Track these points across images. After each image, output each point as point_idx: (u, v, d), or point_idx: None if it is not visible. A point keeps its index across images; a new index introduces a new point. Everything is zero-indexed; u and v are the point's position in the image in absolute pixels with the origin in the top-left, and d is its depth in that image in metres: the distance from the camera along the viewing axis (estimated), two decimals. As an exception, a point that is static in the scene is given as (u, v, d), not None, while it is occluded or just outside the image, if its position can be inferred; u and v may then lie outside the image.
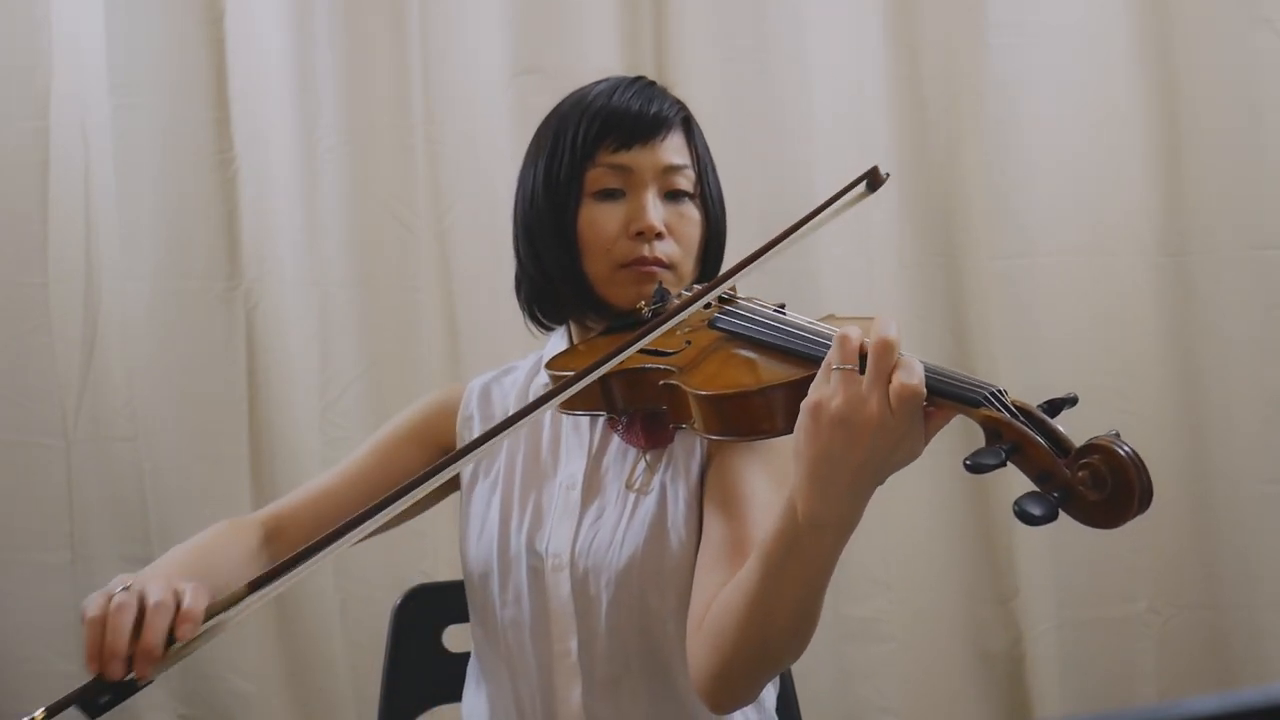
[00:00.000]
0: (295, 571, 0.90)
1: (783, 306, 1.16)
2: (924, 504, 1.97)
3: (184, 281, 2.22)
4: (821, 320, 1.08)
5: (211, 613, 0.90)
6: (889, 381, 0.80)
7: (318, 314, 2.18)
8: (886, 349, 0.81)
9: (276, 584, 0.91)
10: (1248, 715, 0.50)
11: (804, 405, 0.84)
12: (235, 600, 0.91)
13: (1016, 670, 2.01)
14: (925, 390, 0.80)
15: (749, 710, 1.20)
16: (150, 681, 0.89)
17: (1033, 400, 0.82)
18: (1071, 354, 1.93)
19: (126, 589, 0.91)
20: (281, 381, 2.23)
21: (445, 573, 2.06)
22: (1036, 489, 0.77)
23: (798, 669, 1.43)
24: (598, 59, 2.02)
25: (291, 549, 1.13)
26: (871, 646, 2.02)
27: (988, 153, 1.95)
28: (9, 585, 2.29)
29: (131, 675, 0.88)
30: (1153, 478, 0.74)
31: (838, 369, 0.82)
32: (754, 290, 1.20)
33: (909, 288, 2.00)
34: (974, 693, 2.03)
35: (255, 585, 0.91)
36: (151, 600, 0.89)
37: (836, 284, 2.00)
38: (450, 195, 2.14)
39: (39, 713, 0.84)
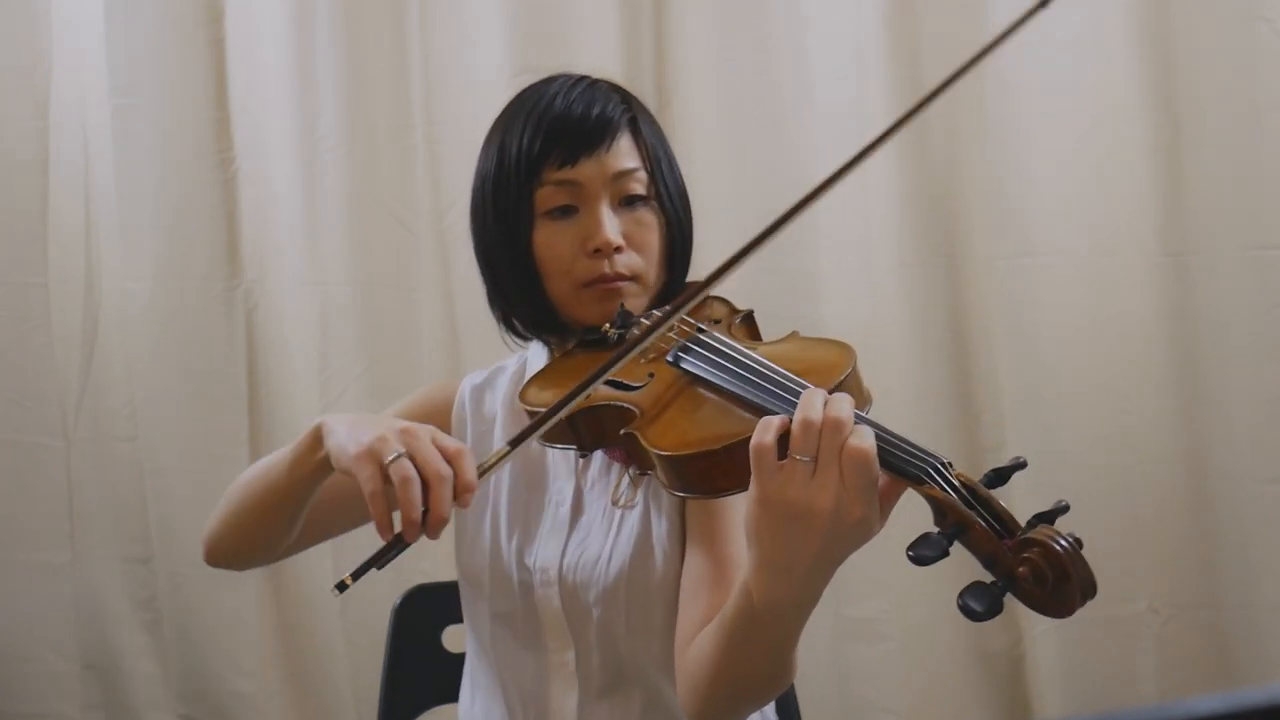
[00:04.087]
0: (545, 427, 0.95)
1: (751, 314, 1.15)
2: (923, 503, 1.97)
3: (184, 281, 2.23)
4: (786, 339, 1.06)
5: (480, 471, 0.93)
6: (840, 459, 0.78)
7: (318, 314, 2.18)
8: (837, 427, 0.79)
9: (531, 439, 0.95)
10: (1248, 715, 0.50)
11: (753, 498, 0.82)
12: (499, 459, 0.94)
13: (1016, 670, 2.01)
14: (877, 457, 0.78)
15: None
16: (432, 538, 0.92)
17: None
18: (1071, 354, 1.92)
19: (399, 455, 0.90)
20: (281, 382, 2.23)
21: (445, 573, 2.05)
22: (981, 580, 0.76)
23: (798, 669, 1.43)
24: (597, 59, 2.01)
25: (314, 525, 1.17)
26: (871, 646, 2.02)
27: (988, 153, 1.94)
28: (9, 585, 2.29)
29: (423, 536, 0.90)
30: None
31: (794, 458, 0.79)
32: (747, 290, 1.19)
33: (909, 288, 2.00)
34: (974, 693, 2.02)
35: (514, 443, 0.94)
36: (432, 470, 0.90)
37: (836, 283, 2.00)
38: (450, 195, 2.14)
39: (347, 577, 0.88)
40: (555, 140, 1.11)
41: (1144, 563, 1.91)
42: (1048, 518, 0.76)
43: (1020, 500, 0.80)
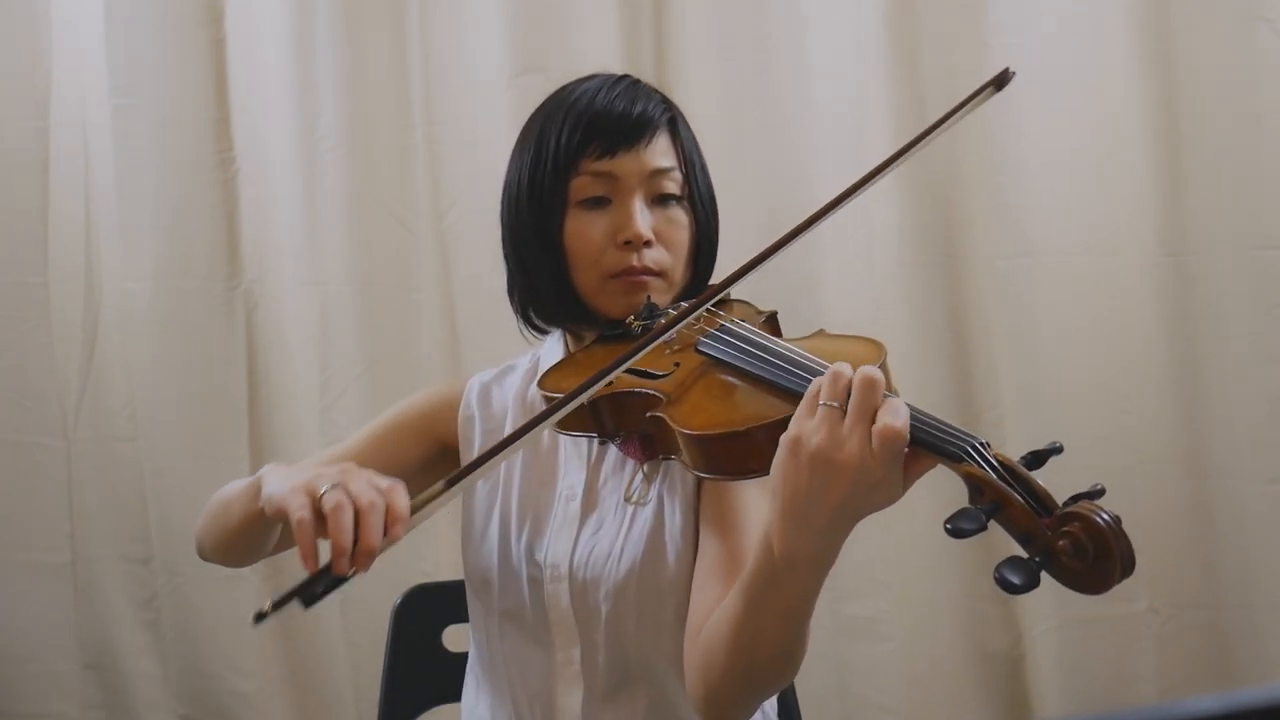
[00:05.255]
0: (481, 469, 0.95)
1: (775, 315, 1.15)
2: (924, 503, 1.96)
3: (184, 281, 2.23)
4: (813, 335, 1.06)
5: (413, 509, 0.92)
6: (871, 421, 0.80)
7: (318, 314, 2.18)
8: (869, 386, 0.80)
9: (467, 479, 0.94)
10: (1248, 715, 0.50)
11: (783, 439, 0.83)
12: (433, 497, 0.93)
13: (1016, 670, 2.01)
14: (908, 435, 0.79)
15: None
16: (360, 573, 0.91)
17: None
18: (1071, 354, 1.92)
19: (333, 486, 0.91)
20: (281, 381, 2.24)
21: (445, 573, 2.07)
22: (1018, 554, 0.77)
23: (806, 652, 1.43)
24: (598, 59, 2.01)
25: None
26: (871, 646, 2.02)
27: (988, 153, 1.94)
28: (9, 585, 2.29)
29: (351, 571, 0.89)
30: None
31: (824, 405, 0.81)
32: (747, 289, 1.19)
33: (909, 288, 2.00)
34: (974, 693, 2.02)
35: (450, 482, 0.93)
36: (365, 500, 0.90)
37: (837, 284, 2.00)
38: (450, 195, 2.14)
39: (266, 605, 0.86)
40: (596, 132, 1.13)
41: (1144, 563, 1.89)
42: (1086, 497, 0.77)
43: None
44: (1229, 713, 0.50)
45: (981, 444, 0.81)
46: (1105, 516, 0.75)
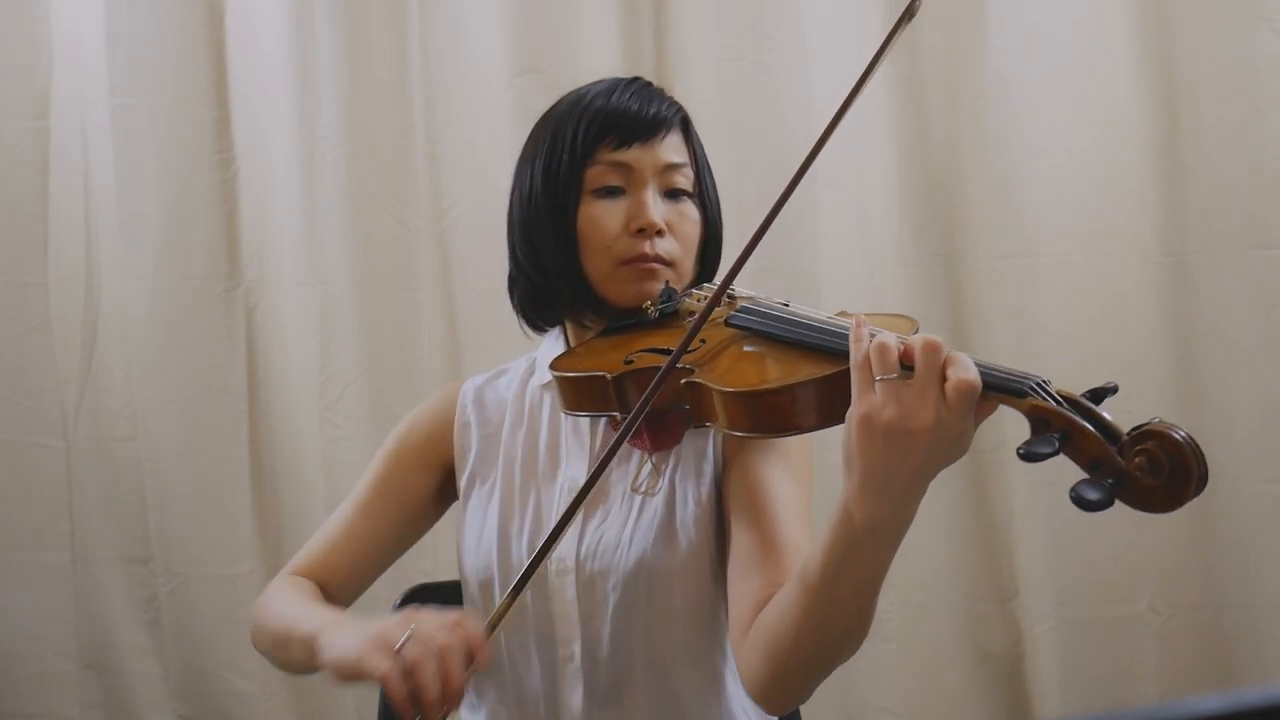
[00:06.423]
0: (534, 575, 0.98)
1: (787, 305, 1.16)
2: (924, 503, 1.97)
3: (184, 281, 2.22)
4: (836, 315, 1.08)
5: (490, 627, 0.96)
6: (942, 380, 0.81)
7: (318, 314, 2.18)
8: (934, 350, 0.82)
9: (524, 589, 0.98)
10: (1248, 715, 0.50)
11: (853, 417, 0.84)
12: (500, 614, 0.97)
13: (1016, 670, 2.01)
14: (981, 384, 0.81)
15: (750, 710, 1.20)
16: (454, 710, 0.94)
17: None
18: (1071, 354, 1.92)
19: (408, 638, 0.93)
20: (281, 381, 2.23)
21: (445, 573, 2.06)
22: (1088, 477, 0.78)
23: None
24: (598, 59, 2.02)
25: (340, 596, 1.21)
26: (871, 646, 2.00)
27: (988, 153, 1.95)
28: (9, 585, 2.29)
29: (443, 712, 0.92)
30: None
31: (881, 380, 0.82)
32: (757, 291, 1.19)
33: (909, 287, 2.00)
34: (974, 693, 2.03)
35: (514, 593, 0.97)
36: (440, 642, 0.93)
37: (836, 283, 2.00)
38: (450, 195, 2.14)
39: None
40: (612, 125, 1.16)
41: (1144, 563, 1.91)
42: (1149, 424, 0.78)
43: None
44: (1229, 713, 0.50)
45: (1043, 380, 0.83)
46: (1182, 433, 0.76)
